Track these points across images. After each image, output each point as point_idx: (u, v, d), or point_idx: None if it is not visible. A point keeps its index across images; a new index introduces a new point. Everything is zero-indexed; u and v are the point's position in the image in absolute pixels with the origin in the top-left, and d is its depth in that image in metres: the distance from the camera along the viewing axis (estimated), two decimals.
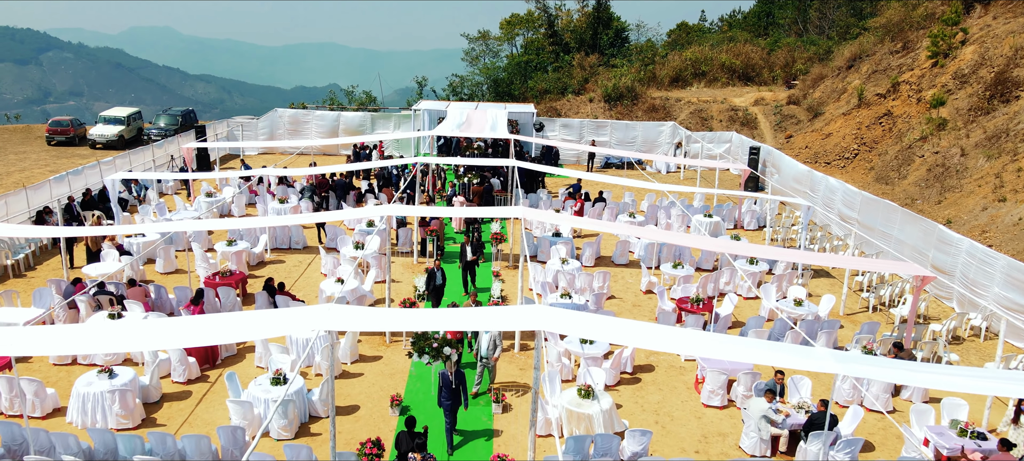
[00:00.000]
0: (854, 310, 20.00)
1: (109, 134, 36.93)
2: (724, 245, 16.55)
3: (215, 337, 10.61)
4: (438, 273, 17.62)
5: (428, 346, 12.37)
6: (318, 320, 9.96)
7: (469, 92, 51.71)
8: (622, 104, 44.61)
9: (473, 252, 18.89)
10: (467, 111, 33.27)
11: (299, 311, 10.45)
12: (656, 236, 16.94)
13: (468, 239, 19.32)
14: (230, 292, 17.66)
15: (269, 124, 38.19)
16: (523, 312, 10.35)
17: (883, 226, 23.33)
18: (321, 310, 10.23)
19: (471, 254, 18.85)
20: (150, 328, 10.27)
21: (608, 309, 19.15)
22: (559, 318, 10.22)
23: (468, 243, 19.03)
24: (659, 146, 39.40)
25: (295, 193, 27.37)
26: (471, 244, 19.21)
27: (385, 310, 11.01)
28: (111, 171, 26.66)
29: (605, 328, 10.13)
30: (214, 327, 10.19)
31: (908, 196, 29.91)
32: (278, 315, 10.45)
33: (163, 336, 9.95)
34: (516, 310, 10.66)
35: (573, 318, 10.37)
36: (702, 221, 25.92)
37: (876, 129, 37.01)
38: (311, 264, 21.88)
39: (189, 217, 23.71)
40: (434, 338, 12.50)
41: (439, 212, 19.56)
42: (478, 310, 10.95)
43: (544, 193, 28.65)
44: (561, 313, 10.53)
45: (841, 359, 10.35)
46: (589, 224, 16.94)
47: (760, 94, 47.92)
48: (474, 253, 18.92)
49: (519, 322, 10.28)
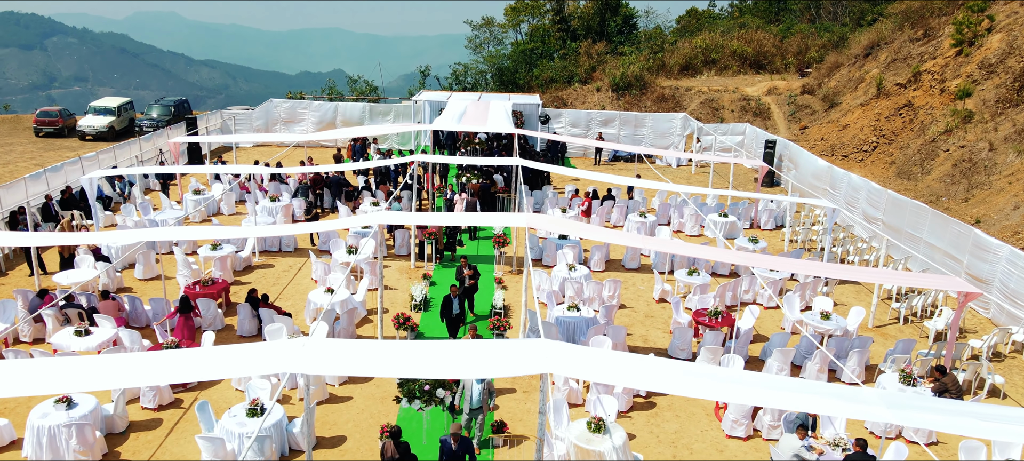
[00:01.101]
0: (883, 321, 18.57)
1: (99, 125, 35.58)
2: (745, 257, 15.13)
3: (166, 377, 9.24)
4: (455, 301, 15.60)
5: (417, 389, 10.94)
6: (287, 361, 8.62)
7: (473, 81, 50.19)
8: (630, 94, 43.07)
9: (459, 302, 15.80)
10: (467, 103, 31.79)
11: (265, 350, 9.09)
12: (670, 247, 15.51)
13: (455, 289, 15.78)
14: (210, 305, 16.33)
15: (264, 115, 36.78)
16: (529, 353, 9.00)
17: (911, 228, 21.87)
18: (291, 350, 8.88)
19: (458, 308, 15.68)
20: (95, 366, 8.93)
21: (619, 322, 17.78)
22: (570, 360, 8.85)
23: (454, 294, 15.64)
24: (670, 139, 37.87)
25: (288, 190, 26.02)
26: (458, 292, 15.89)
27: (369, 345, 9.64)
28: (94, 167, 25.33)
29: (622, 372, 8.77)
30: (167, 366, 8.84)
31: (933, 193, 28.39)
32: (243, 354, 9.09)
33: (107, 374, 8.61)
34: (521, 350, 9.29)
35: (586, 361, 9.00)
36: (717, 221, 24.49)
37: (896, 121, 35.40)
38: (301, 269, 20.54)
39: (174, 217, 22.37)
40: (424, 381, 11.05)
41: (436, 220, 17.92)
42: (477, 346, 9.57)
43: (550, 190, 27.23)
44: (572, 354, 9.15)
45: (895, 405, 8.98)
46: (599, 234, 15.53)
47: (773, 83, 46.33)
48: (462, 295, 15.97)
49: (525, 364, 8.91)
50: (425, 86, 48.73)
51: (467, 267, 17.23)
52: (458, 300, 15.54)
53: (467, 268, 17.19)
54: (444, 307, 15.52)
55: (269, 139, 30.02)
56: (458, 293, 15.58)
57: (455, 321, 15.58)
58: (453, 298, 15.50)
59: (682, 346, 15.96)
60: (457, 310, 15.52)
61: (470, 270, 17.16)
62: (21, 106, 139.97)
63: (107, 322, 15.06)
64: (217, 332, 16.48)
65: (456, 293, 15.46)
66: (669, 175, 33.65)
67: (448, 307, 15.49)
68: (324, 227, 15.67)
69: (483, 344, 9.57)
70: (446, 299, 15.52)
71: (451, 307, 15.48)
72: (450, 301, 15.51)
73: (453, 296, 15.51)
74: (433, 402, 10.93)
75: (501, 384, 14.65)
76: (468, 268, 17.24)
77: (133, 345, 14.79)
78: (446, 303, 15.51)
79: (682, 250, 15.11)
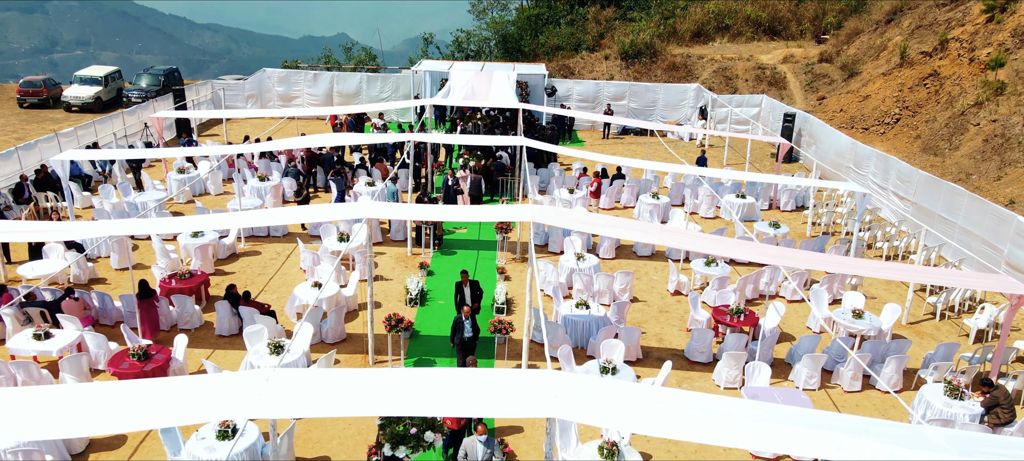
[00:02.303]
0: (917, 316, 17.13)
1: (85, 96, 34.02)
2: (770, 255, 13.64)
3: (76, 427, 7.73)
4: (467, 324, 13.18)
5: (403, 429, 9.42)
6: (242, 405, 7.24)
7: (476, 48, 48.28)
8: (640, 62, 41.24)
9: (472, 324, 13.46)
10: (470, 75, 30.11)
11: (217, 390, 7.69)
12: (685, 242, 14.02)
13: (467, 310, 13.43)
14: (187, 301, 14.97)
15: (257, 86, 35.14)
16: (534, 390, 7.60)
17: (945, 211, 20.31)
18: (249, 389, 7.49)
19: (470, 330, 13.26)
20: (21, 403, 7.56)
21: (631, 318, 16.38)
22: (583, 402, 7.45)
23: (467, 315, 13.23)
24: (682, 111, 36.15)
25: (279, 168, 24.55)
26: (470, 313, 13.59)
27: (343, 377, 8.23)
28: (72, 143, 23.89)
29: (646, 416, 7.38)
30: (86, 410, 7.41)
31: (962, 170, 26.76)
32: (190, 392, 7.69)
33: (34, 422, 7.23)
34: (525, 386, 7.88)
35: (601, 401, 7.60)
36: (734, 203, 22.98)
37: (920, 92, 33.58)
38: (290, 256, 19.15)
39: (155, 199, 20.96)
40: (410, 421, 9.51)
41: (430, 213, 16.02)
42: (473, 379, 8.16)
43: (556, 168, 25.70)
44: (585, 393, 7.74)
45: (967, 448, 7.58)
46: (609, 229, 14.05)
47: (789, 51, 44.40)
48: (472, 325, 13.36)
49: (528, 405, 7.51)
50: (427, 54, 46.90)
51: (468, 284, 14.73)
52: (471, 321, 13.27)
53: (468, 286, 14.72)
54: (455, 330, 13.31)
55: (258, 114, 28.43)
56: (470, 314, 13.32)
57: (467, 346, 13.24)
58: (464, 320, 13.19)
59: (701, 348, 14.57)
60: (470, 332, 13.17)
61: (471, 288, 14.68)
62: (24, 70, 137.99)
63: (71, 323, 13.73)
64: (195, 330, 15.19)
65: (468, 315, 13.20)
66: (681, 150, 32.03)
67: (459, 329, 13.21)
68: (308, 217, 14.24)
69: (479, 377, 8.17)
70: (456, 321, 13.28)
71: (462, 329, 13.17)
72: (461, 323, 13.20)
73: (464, 318, 13.22)
74: (421, 447, 9.47)
75: None
76: (471, 288, 14.74)
77: (98, 349, 13.48)
78: (457, 326, 13.26)
79: (699, 245, 13.63)
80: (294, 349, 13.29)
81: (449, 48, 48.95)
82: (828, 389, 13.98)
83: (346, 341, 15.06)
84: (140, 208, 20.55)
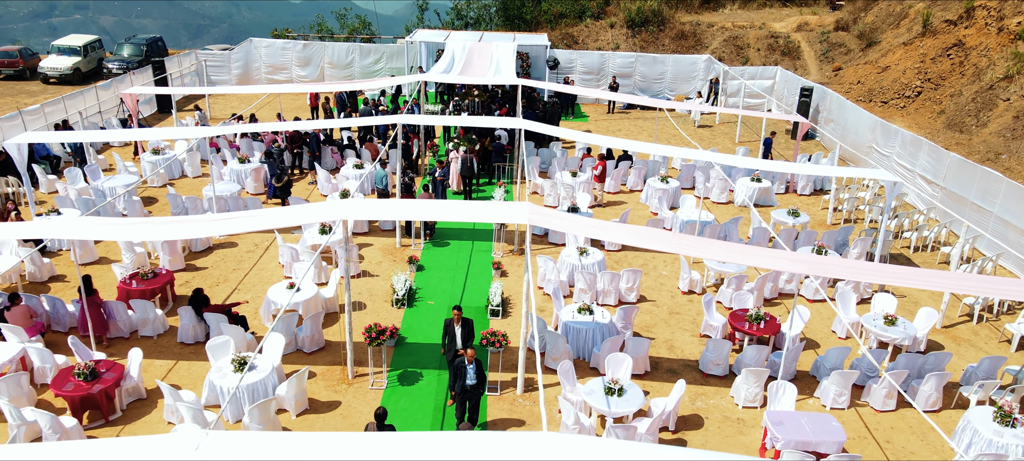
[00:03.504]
0: (952, 318, 15.64)
1: (63, 67, 32.29)
2: (794, 264, 12.09)
3: None
4: (470, 369, 11.03)
5: None
6: None
7: (475, 15, 46.23)
8: (647, 30, 39.30)
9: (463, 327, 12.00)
10: (469, 45, 28.33)
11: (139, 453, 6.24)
12: (698, 249, 12.48)
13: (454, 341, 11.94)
14: (148, 307, 13.51)
15: (244, 57, 33.35)
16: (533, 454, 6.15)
17: (979, 199, 18.72)
18: (179, 452, 6.03)
19: (474, 376, 11.13)
20: None
21: (640, 319, 14.91)
22: None
23: (471, 359, 11.09)
24: (692, 84, 34.34)
25: (261, 149, 22.96)
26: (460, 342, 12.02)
27: (298, 445, 6.75)
28: (38, 121, 22.30)
29: None
30: None
31: (990, 149, 25.07)
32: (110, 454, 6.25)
33: None
34: (521, 448, 6.42)
35: None
36: (749, 187, 21.38)
37: (944, 63, 31.73)
38: (269, 248, 17.67)
39: (126, 183, 19.43)
40: None
41: (417, 211, 13.89)
42: (458, 443, 6.68)
43: (558, 148, 24.07)
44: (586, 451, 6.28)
45: None
46: (617, 233, 12.49)
47: (803, 18, 42.38)
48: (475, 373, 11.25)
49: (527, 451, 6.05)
50: (424, 22, 44.91)
51: (460, 323, 12.19)
52: (475, 365, 11.14)
53: (461, 325, 12.18)
54: (455, 375, 11.20)
55: (236, 90, 26.64)
56: (474, 358, 11.18)
57: (471, 395, 11.19)
58: (467, 365, 11.06)
59: (717, 360, 13.11)
60: (473, 380, 11.08)
61: (463, 328, 12.18)
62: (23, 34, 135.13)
63: (15, 334, 12.29)
64: (158, 337, 13.75)
65: (472, 359, 11.07)
66: (690, 127, 30.36)
67: (460, 375, 11.11)
68: (277, 222, 12.59)
69: (469, 441, 6.69)
70: (458, 365, 11.11)
71: (464, 375, 11.08)
72: (463, 368, 11.08)
73: (468, 362, 11.07)
74: None
75: (499, 412, 11.90)
76: (463, 327, 12.21)
77: (44, 363, 12.07)
78: (458, 370, 11.11)
79: (713, 254, 12.08)
80: (262, 365, 11.86)
81: (448, 15, 46.92)
82: (858, 407, 12.54)
83: (325, 349, 13.63)
84: (108, 194, 19.04)
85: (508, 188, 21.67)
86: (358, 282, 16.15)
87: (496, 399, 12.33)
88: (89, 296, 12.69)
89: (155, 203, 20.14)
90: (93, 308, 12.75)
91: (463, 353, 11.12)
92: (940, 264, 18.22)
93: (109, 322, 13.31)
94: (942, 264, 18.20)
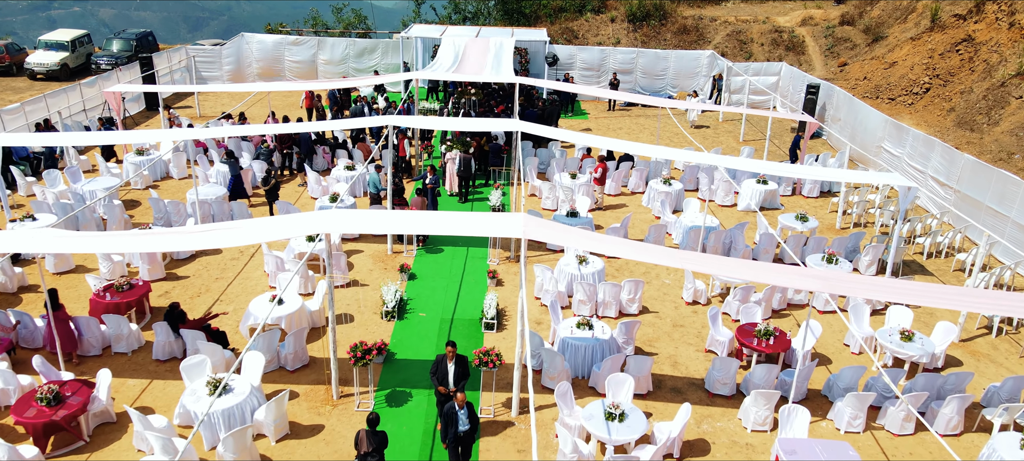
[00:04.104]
0: (970, 332, 14.88)
1: (50, 62, 31.48)
2: (807, 281, 11.33)
3: None
4: (462, 415, 9.99)
5: None
6: None
7: (474, 9, 45.36)
8: (648, 24, 38.47)
9: None
10: (465, 41, 27.51)
11: None
12: (703, 265, 11.71)
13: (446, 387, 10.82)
14: (121, 322, 12.76)
15: (235, 52, 32.51)
16: None
17: (996, 203, 17.94)
18: None
19: (466, 421, 10.06)
20: None
21: (642, 332, 14.17)
22: None
23: (462, 404, 10.02)
24: (695, 81, 33.51)
25: (248, 150, 22.19)
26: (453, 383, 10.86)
27: None
28: (18, 120, 21.53)
29: None
30: None
31: (1002, 148, 24.29)
32: None
33: None
34: None
35: None
36: (754, 189, 20.62)
37: (953, 58, 30.94)
38: (254, 256, 16.92)
39: (106, 186, 18.67)
40: None
41: (406, 224, 12.61)
42: None
43: (557, 149, 23.28)
44: None
45: None
46: (618, 248, 11.70)
47: (808, 12, 41.52)
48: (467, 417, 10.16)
49: None
50: (420, 16, 44.03)
51: (454, 359, 10.92)
52: (467, 409, 10.07)
53: (454, 362, 10.92)
54: (447, 421, 10.07)
55: (228, 88, 25.78)
56: (454, 435, 10.06)
57: (464, 441, 10.14)
58: (458, 410, 9.99)
59: (724, 380, 12.36)
60: (466, 425, 10.02)
61: (457, 365, 10.93)
62: (22, 26, 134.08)
63: None
64: (132, 353, 13.01)
65: (462, 404, 10.00)
66: (689, 129, 29.57)
67: (452, 421, 10.00)
68: (255, 236, 11.76)
69: None
70: (449, 411, 10.01)
71: (456, 422, 9.98)
72: (454, 415, 9.98)
73: (458, 407, 10.00)
74: None
75: (495, 452, 11.17)
76: (457, 364, 10.94)
77: (7, 385, 11.33)
78: (449, 417, 10.01)
79: (720, 270, 11.31)
80: (239, 386, 11.12)
81: (446, 9, 46.05)
82: (874, 430, 11.80)
83: (309, 367, 12.88)
84: (88, 197, 18.29)
85: (505, 190, 20.92)
86: (346, 292, 15.41)
87: (490, 421, 11.59)
88: (55, 311, 11.95)
89: (138, 207, 19.38)
90: (60, 324, 12.02)
91: (453, 396, 10.26)
92: (955, 271, 17.47)
93: (79, 339, 12.57)
94: (957, 271, 17.45)
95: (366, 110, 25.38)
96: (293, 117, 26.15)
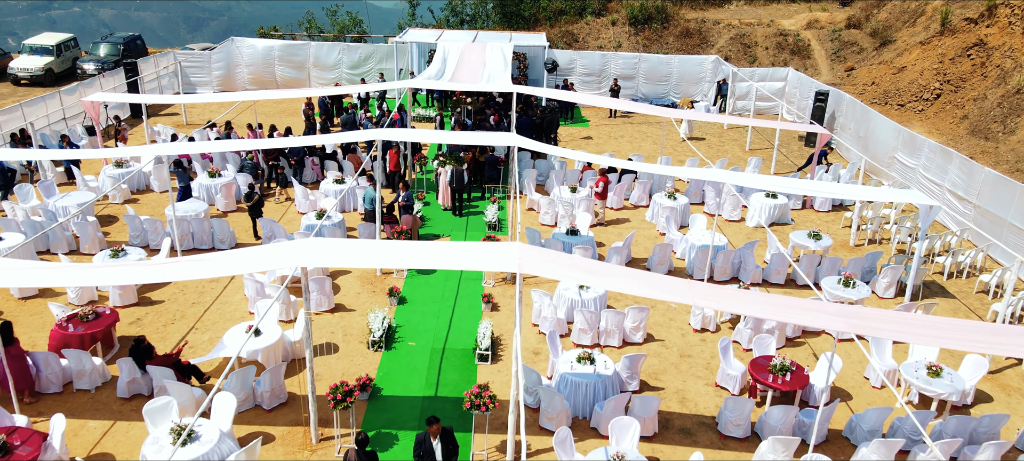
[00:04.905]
0: (999, 363, 13.90)
1: (34, 67, 30.52)
2: (825, 318, 10.33)
3: None
4: (441, 448, 9.50)
5: None
6: None
7: (471, 11, 44.34)
8: (650, 28, 37.50)
9: None
10: (461, 46, 26.53)
11: None
12: (716, 301, 10.73)
13: None
14: (82, 356, 11.77)
15: (225, 57, 31.50)
16: None
17: (1019, 220, 16.96)
18: None
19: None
20: None
21: (647, 366, 13.17)
22: None
23: None
24: (699, 86, 32.52)
25: (233, 163, 21.19)
26: None
27: None
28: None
29: None
30: None
31: (1019, 158, 23.34)
32: None
33: None
34: None
35: None
36: (764, 204, 19.63)
37: (964, 63, 29.97)
38: (232, 282, 15.91)
39: (80, 203, 17.68)
40: None
41: (390, 257, 11.47)
42: None
43: (557, 160, 22.30)
44: None
45: None
46: (619, 282, 10.70)
47: (813, 15, 40.56)
48: None
49: None
50: (416, 19, 43.02)
51: (439, 437, 9.58)
52: (442, 439, 9.51)
53: (439, 439, 9.59)
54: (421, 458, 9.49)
55: (214, 99, 24.66)
56: None
57: None
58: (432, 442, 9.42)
59: (737, 421, 11.36)
60: None
61: (443, 442, 9.63)
62: (22, 27, 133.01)
63: None
64: (96, 390, 12.02)
65: (437, 434, 9.48)
66: (695, 134, 28.58)
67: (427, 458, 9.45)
68: (232, 269, 10.74)
69: None
70: (422, 453, 9.46)
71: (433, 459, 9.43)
72: (429, 447, 9.46)
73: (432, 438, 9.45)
74: None
75: None
76: (442, 441, 9.63)
77: None
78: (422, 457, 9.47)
79: (734, 307, 10.33)
80: (207, 433, 10.12)
81: (443, 12, 45.04)
82: None
83: (287, 405, 11.88)
84: (61, 214, 17.30)
85: (502, 204, 19.95)
86: (331, 319, 14.42)
87: None
88: (8, 347, 10.96)
89: (114, 222, 18.39)
90: (13, 361, 11.02)
91: (435, 430, 9.25)
92: (978, 294, 16.48)
93: (37, 376, 11.59)
94: (981, 293, 16.46)
95: (357, 117, 24.37)
96: (281, 126, 25.15)
